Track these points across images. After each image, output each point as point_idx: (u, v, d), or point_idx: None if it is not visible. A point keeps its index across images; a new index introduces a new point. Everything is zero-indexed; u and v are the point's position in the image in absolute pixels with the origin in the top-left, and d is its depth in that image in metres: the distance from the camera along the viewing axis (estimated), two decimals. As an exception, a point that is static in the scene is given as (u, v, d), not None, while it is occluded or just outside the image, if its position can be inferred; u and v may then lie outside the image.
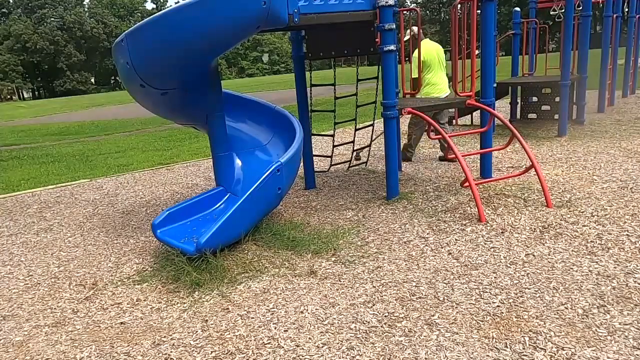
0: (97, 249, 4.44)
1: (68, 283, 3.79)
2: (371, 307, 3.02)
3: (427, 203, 4.76)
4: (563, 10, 7.57)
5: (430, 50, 6.37)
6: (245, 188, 4.01)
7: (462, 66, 5.86)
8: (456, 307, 2.92)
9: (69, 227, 5.20)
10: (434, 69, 6.40)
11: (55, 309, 3.40)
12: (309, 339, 2.75)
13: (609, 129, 7.63)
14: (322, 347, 2.66)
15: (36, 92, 76.69)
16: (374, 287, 3.27)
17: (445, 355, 2.48)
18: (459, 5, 5.27)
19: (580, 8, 7.53)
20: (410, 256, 3.69)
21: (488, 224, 4.09)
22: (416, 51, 5.74)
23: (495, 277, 3.24)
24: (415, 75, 5.88)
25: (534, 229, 3.93)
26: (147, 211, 5.57)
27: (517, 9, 8.96)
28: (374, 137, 6.87)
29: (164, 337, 2.91)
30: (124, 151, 10.61)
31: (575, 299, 2.89)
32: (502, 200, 4.53)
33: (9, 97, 69.18)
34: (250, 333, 2.86)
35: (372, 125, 6.24)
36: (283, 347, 2.69)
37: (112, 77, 78.04)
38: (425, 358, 2.48)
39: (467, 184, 4.42)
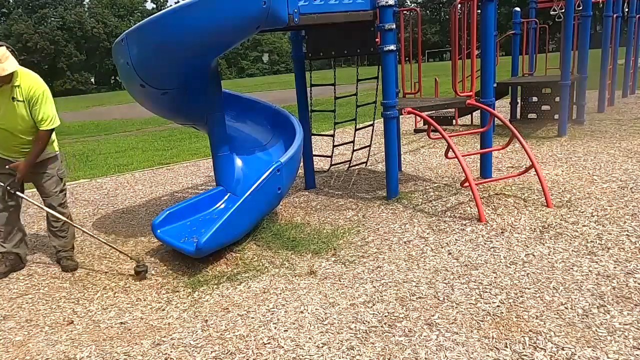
0: (97, 249, 4.44)
1: (68, 283, 3.78)
2: (371, 307, 3.02)
3: (427, 203, 4.76)
4: (563, 10, 7.57)
5: None
6: (245, 188, 4.01)
7: (462, 66, 5.86)
8: (456, 307, 2.92)
9: (69, 227, 5.19)
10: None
11: (55, 309, 3.40)
12: (309, 339, 2.75)
13: (609, 129, 7.63)
14: (322, 347, 2.66)
15: (36, 92, 76.54)
16: (374, 287, 3.27)
17: (445, 355, 2.48)
18: (459, 5, 5.27)
19: (580, 8, 7.53)
20: (410, 256, 3.69)
21: (488, 224, 4.09)
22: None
23: (495, 277, 3.24)
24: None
25: (534, 229, 3.93)
26: (147, 211, 5.57)
27: (517, 9, 8.96)
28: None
29: (164, 337, 2.91)
30: (124, 151, 10.61)
31: (575, 299, 2.89)
32: (502, 200, 4.53)
33: (9, 97, 69.10)
34: (250, 333, 2.86)
35: (372, 125, 6.24)
36: (283, 347, 2.69)
37: (112, 77, 78.00)
38: (425, 358, 2.48)
39: (467, 184, 4.42)
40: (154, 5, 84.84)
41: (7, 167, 3.76)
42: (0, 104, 3.66)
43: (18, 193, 3.81)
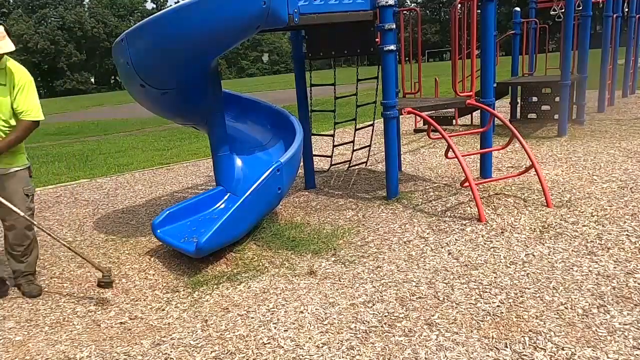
0: (96, 249, 4.44)
1: (68, 283, 3.78)
2: (371, 307, 3.02)
3: (427, 203, 4.76)
4: (563, 10, 7.56)
5: None
6: (245, 188, 4.02)
7: (462, 66, 5.86)
8: (456, 307, 2.92)
9: (69, 227, 5.20)
10: None
11: (55, 309, 3.39)
12: (309, 339, 2.75)
13: (609, 129, 7.63)
14: (322, 347, 2.66)
15: (36, 92, 76.53)
16: (374, 287, 3.27)
17: (445, 355, 2.48)
18: (459, 5, 5.27)
19: (580, 8, 7.53)
20: (410, 256, 3.69)
21: (488, 224, 4.09)
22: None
23: (495, 277, 3.24)
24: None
25: (534, 229, 3.93)
26: (147, 211, 5.57)
27: (517, 9, 8.96)
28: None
29: (164, 337, 2.91)
30: (124, 151, 10.61)
31: (575, 299, 2.89)
32: (502, 200, 4.53)
33: (9, 97, 69.08)
34: (250, 333, 2.86)
35: (372, 125, 6.24)
36: (283, 347, 2.69)
37: (112, 77, 78.02)
38: (425, 358, 2.48)
39: (467, 184, 4.42)
40: (154, 5, 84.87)
41: None
42: None
43: None
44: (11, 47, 3.22)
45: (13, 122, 3.32)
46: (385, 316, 2.90)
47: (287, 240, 4.15)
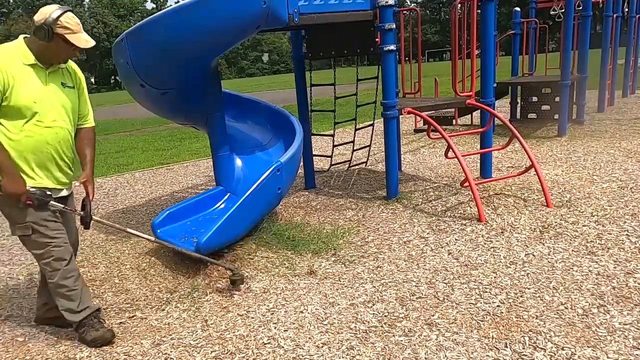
0: (97, 249, 4.44)
1: (68, 283, 3.78)
2: (371, 307, 3.02)
3: (427, 203, 4.76)
4: (563, 10, 7.57)
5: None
6: (245, 188, 4.02)
7: (462, 66, 5.86)
8: (456, 307, 2.92)
9: (69, 227, 5.19)
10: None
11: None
12: (309, 339, 2.75)
13: (609, 128, 7.63)
14: (322, 347, 2.66)
15: (36, 92, 76.37)
16: (374, 287, 3.27)
17: (445, 355, 2.48)
18: (459, 5, 5.27)
19: (580, 8, 7.53)
20: (410, 256, 3.69)
21: (488, 224, 4.09)
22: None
23: (495, 277, 3.24)
24: None
25: (534, 229, 3.93)
26: (146, 211, 5.57)
27: (517, 9, 8.96)
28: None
29: (164, 337, 2.91)
30: (124, 151, 10.61)
31: (575, 299, 2.89)
32: (502, 200, 4.53)
33: (8, 97, 69.00)
34: (250, 333, 2.86)
35: (372, 125, 6.24)
36: (283, 347, 2.69)
37: (112, 77, 78.00)
38: (425, 358, 2.48)
39: (467, 184, 4.42)
40: (154, 5, 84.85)
41: (77, 183, 2.94)
42: (45, 93, 2.64)
43: (96, 219, 2.99)
44: (93, 41, 2.80)
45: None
46: (385, 316, 2.90)
47: (287, 240, 4.15)
